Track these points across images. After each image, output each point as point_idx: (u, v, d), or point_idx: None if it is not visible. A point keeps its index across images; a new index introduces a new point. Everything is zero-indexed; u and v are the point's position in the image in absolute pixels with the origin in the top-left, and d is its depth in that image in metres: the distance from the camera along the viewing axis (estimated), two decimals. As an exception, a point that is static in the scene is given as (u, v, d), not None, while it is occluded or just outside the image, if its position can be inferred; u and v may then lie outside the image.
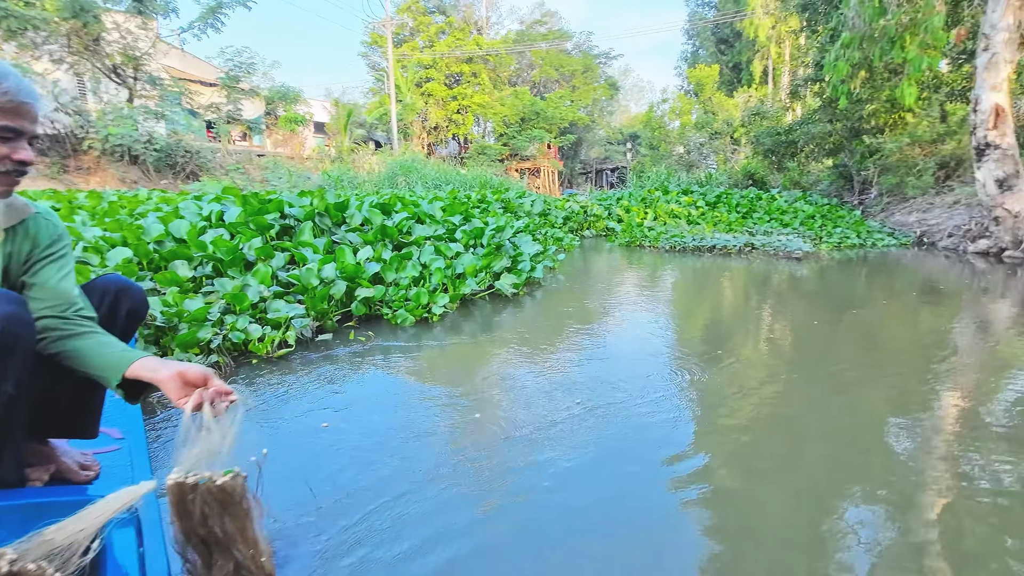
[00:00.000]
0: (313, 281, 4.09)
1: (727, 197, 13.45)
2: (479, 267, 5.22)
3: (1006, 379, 3.13)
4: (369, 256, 4.71)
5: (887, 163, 13.35)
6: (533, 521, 1.74)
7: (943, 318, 4.90)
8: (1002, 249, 8.07)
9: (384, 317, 4.28)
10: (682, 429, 2.44)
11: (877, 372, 3.30)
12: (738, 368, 3.32)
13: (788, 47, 26.48)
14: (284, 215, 5.34)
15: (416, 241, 5.48)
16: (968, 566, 1.55)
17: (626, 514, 1.80)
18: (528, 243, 6.91)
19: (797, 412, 2.69)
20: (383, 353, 3.55)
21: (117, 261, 3.94)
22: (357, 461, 2.08)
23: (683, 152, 26.92)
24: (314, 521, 1.70)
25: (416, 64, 36.66)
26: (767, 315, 5.06)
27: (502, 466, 2.06)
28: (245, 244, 4.46)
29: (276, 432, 2.37)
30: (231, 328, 3.40)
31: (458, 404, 2.72)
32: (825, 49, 11.56)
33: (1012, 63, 7.56)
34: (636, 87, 67.96)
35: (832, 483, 1.98)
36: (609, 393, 2.82)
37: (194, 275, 4.18)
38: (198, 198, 6.71)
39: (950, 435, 2.42)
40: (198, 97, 23.87)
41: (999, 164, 7.72)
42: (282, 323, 3.59)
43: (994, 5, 7.36)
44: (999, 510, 1.80)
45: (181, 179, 21.00)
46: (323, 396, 2.79)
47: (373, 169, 24.87)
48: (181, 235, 4.71)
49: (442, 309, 4.39)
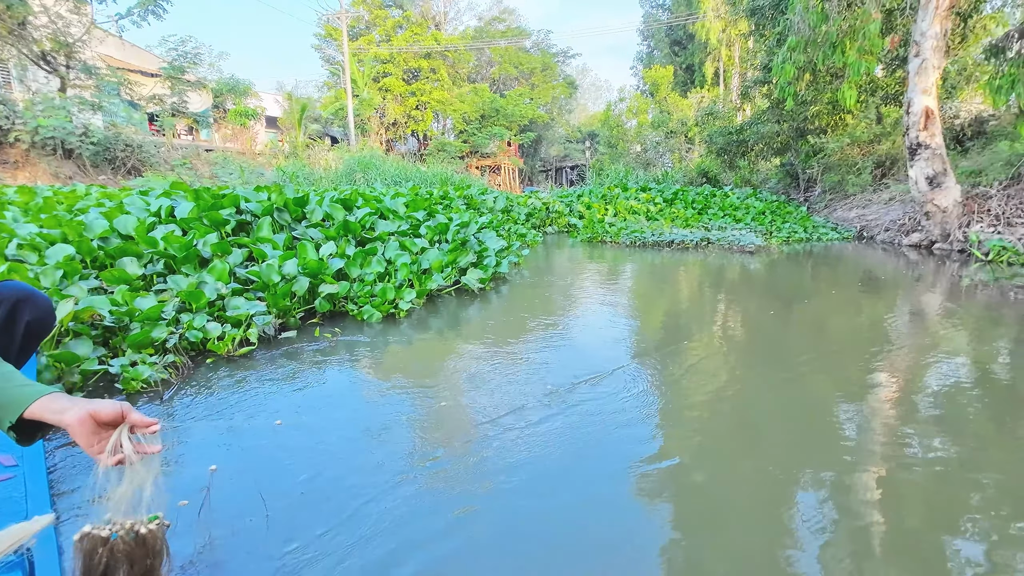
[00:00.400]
0: (274, 277, 3.97)
1: (683, 194, 13.89)
2: (445, 263, 5.20)
3: (937, 362, 3.39)
4: (332, 252, 4.61)
5: (829, 162, 14.12)
6: (502, 521, 1.74)
7: (882, 307, 5.24)
8: (932, 242, 8.70)
9: (350, 314, 4.20)
10: (645, 415, 2.53)
11: (826, 358, 3.51)
12: (698, 356, 3.46)
13: (738, 50, 27.53)
14: (240, 210, 5.14)
15: (380, 237, 5.40)
16: (909, 537, 1.68)
17: (592, 502, 1.85)
18: (493, 239, 6.92)
19: (753, 396, 2.83)
20: (349, 350, 3.49)
21: (58, 259, 3.70)
22: (315, 465, 2.00)
23: (640, 150, 27.57)
24: (262, 534, 1.60)
25: (373, 58, 35.90)
26: (724, 306, 5.27)
27: (468, 464, 2.07)
28: (200, 240, 4.27)
29: (234, 434, 2.28)
30: (188, 327, 3.26)
31: (425, 401, 2.71)
32: (773, 52, 12.10)
33: (939, 69, 8.15)
34: (594, 86, 69.08)
35: (786, 464, 2.09)
36: (575, 384, 2.88)
37: (144, 273, 3.98)
38: (144, 193, 6.37)
39: (890, 416, 2.61)
40: (139, 88, 22.57)
41: (929, 163, 8.32)
42: (243, 321, 3.46)
43: (923, 14, 7.92)
44: (935, 483, 1.96)
45: (121, 175, 19.82)
46: (285, 395, 2.72)
47: (330, 165, 24.24)
48: (128, 231, 4.47)
49: (409, 305, 4.35)
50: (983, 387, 2.93)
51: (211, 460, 2.02)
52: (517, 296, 5.45)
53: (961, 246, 8.18)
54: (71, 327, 2.83)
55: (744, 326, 4.47)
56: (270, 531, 1.61)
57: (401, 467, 2.00)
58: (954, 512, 1.76)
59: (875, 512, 1.77)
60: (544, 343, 3.74)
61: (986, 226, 8.07)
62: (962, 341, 3.89)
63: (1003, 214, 8.05)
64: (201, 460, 2.04)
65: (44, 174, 18.22)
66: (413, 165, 25.86)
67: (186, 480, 1.89)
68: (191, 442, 2.22)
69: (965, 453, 2.14)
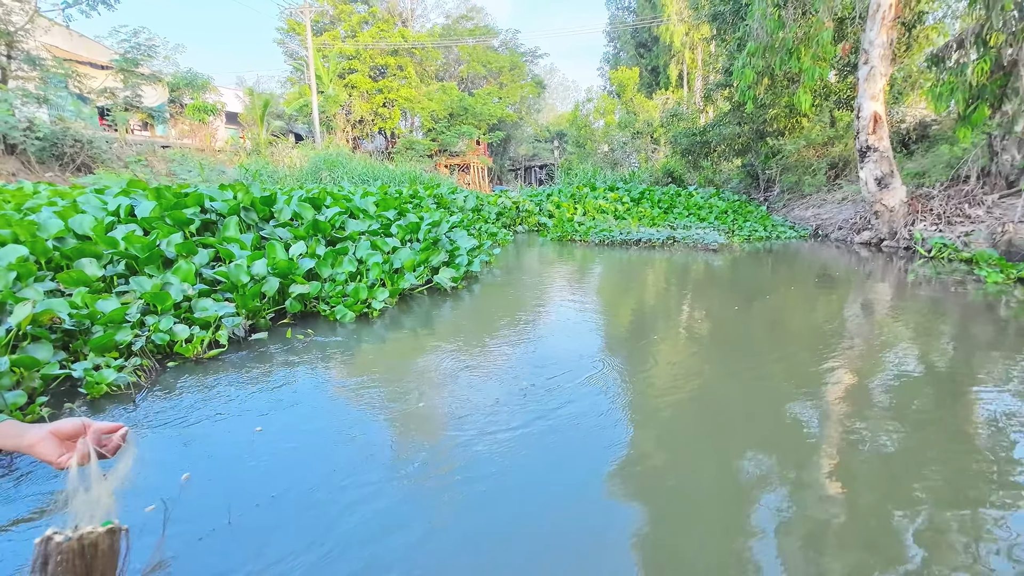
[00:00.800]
0: (243, 278, 3.90)
1: (650, 193, 14.20)
2: (417, 261, 5.20)
3: (884, 352, 3.62)
4: (303, 252, 4.55)
5: (787, 163, 14.70)
6: (475, 526, 1.78)
7: (836, 302, 5.53)
8: (881, 240, 9.20)
9: (322, 314, 4.16)
10: (615, 408, 2.63)
11: (785, 350, 3.70)
12: (664, 349, 3.59)
13: (701, 53, 28.26)
14: (205, 209, 5.01)
15: (351, 236, 5.36)
16: (860, 520, 1.82)
17: (565, 499, 1.93)
18: (464, 238, 6.94)
19: (716, 387, 2.97)
20: (323, 351, 3.47)
21: (11, 260, 3.54)
22: (287, 473, 2.00)
23: (608, 150, 28.00)
24: (226, 543, 1.59)
25: (338, 54, 35.24)
26: (690, 302, 5.46)
27: (442, 470, 2.10)
28: (163, 240, 4.15)
29: (204, 440, 2.26)
30: (154, 329, 3.18)
31: (400, 403, 2.73)
32: (734, 56, 12.51)
33: (886, 76, 8.62)
34: (562, 86, 69.55)
35: (746, 451, 2.22)
36: (547, 380, 2.96)
37: (104, 274, 3.84)
38: (99, 191, 6.12)
39: (843, 402, 2.79)
40: (89, 81, 21.52)
41: (878, 165, 8.79)
42: (211, 322, 3.40)
43: (871, 24, 8.36)
44: (883, 467, 2.12)
45: (70, 171, 18.86)
46: (258, 399, 2.69)
47: (294, 163, 23.66)
48: (85, 231, 4.30)
49: (382, 304, 4.34)
50: (925, 374, 3.16)
51: (182, 466, 2.00)
52: (489, 295, 5.50)
53: (907, 243, 8.68)
54: (29, 331, 2.72)
55: (708, 320, 4.65)
56: (235, 540, 1.61)
57: (375, 476, 2.02)
58: (899, 491, 1.91)
59: (828, 493, 1.90)
60: (516, 341, 3.81)
61: (929, 224, 8.59)
62: (907, 332, 4.17)
63: (944, 213, 8.59)
64: (172, 466, 2.01)
65: (-16, 170, 17.17)
66: (381, 163, 25.52)
67: (154, 486, 1.87)
68: (161, 448, 2.18)
69: (908, 437, 2.32)
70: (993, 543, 1.62)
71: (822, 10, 8.50)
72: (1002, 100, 8.19)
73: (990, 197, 8.35)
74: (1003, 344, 3.78)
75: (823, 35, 8.49)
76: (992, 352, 3.57)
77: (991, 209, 8.16)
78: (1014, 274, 5.94)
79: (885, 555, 1.58)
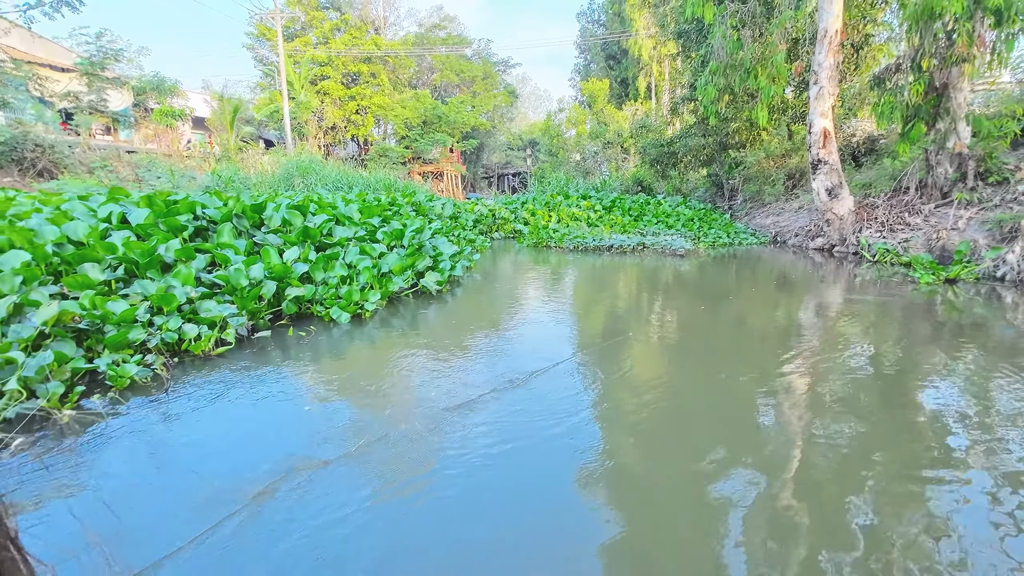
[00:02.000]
0: (242, 281, 4.11)
1: (621, 202, 14.78)
2: (404, 266, 5.48)
3: (835, 347, 4.10)
4: (296, 257, 4.78)
5: (748, 173, 15.54)
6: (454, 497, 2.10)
7: (794, 301, 6.06)
8: (832, 245, 9.92)
9: (317, 315, 4.40)
10: (589, 400, 2.98)
11: (746, 347, 4.14)
12: (635, 347, 3.98)
13: (668, 66, 29.35)
14: (196, 216, 5.18)
15: (339, 242, 5.60)
16: (821, 512, 1.99)
17: (538, 482, 2.26)
18: (445, 244, 7.24)
19: (682, 386, 3.36)
20: (323, 347, 3.72)
21: (15, 265, 3.68)
22: (338, 432, 2.33)
23: (580, 159, 28.70)
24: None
25: (310, 60, 35.05)
26: (659, 303, 5.89)
27: (432, 432, 2.43)
28: (161, 246, 4.32)
29: (249, 416, 2.52)
30: (163, 328, 3.38)
31: (396, 392, 3.03)
32: (698, 73, 13.21)
33: (834, 95, 9.37)
34: (534, 95, 70.55)
35: (710, 446, 2.43)
36: (529, 374, 3.30)
37: (105, 278, 4.00)
38: (84, 198, 6.19)
39: (799, 394, 3.22)
40: (51, 84, 20.95)
41: (828, 176, 9.52)
42: (217, 322, 3.61)
43: (820, 47, 9.09)
44: (840, 461, 2.36)
45: (30, 177, 18.30)
46: (261, 391, 2.95)
47: (265, 169, 23.42)
48: (79, 238, 4.44)
49: (374, 306, 4.61)
50: (871, 367, 3.63)
51: (246, 434, 2.25)
52: (472, 297, 5.82)
53: (855, 249, 9.40)
54: (51, 330, 2.90)
55: (675, 320, 5.08)
56: (358, 464, 1.90)
57: (384, 431, 2.32)
58: (851, 476, 2.19)
59: (788, 479, 2.20)
60: (498, 339, 4.14)
61: (874, 232, 9.34)
62: (855, 329, 4.68)
63: (887, 221, 9.35)
64: (242, 433, 2.28)
65: (-62, 175, 16.53)
66: (355, 170, 25.47)
67: (241, 449, 2.12)
68: (221, 421, 2.43)
69: (857, 426, 2.65)
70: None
71: (776, 34, 9.19)
72: (936, 119, 9.02)
73: (927, 207, 9.15)
74: (932, 334, 4.32)
75: (777, 57, 9.18)
76: (922, 340, 4.09)
77: (928, 218, 8.95)
78: (943, 275, 6.61)
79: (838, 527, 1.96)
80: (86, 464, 2.12)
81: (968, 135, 8.88)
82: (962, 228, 8.29)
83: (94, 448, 2.23)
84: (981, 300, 5.69)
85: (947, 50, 8.37)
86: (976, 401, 2.91)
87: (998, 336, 4.25)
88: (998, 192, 8.48)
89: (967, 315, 5.08)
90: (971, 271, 6.78)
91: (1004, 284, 6.51)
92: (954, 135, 8.88)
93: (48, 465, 2.09)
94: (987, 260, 6.90)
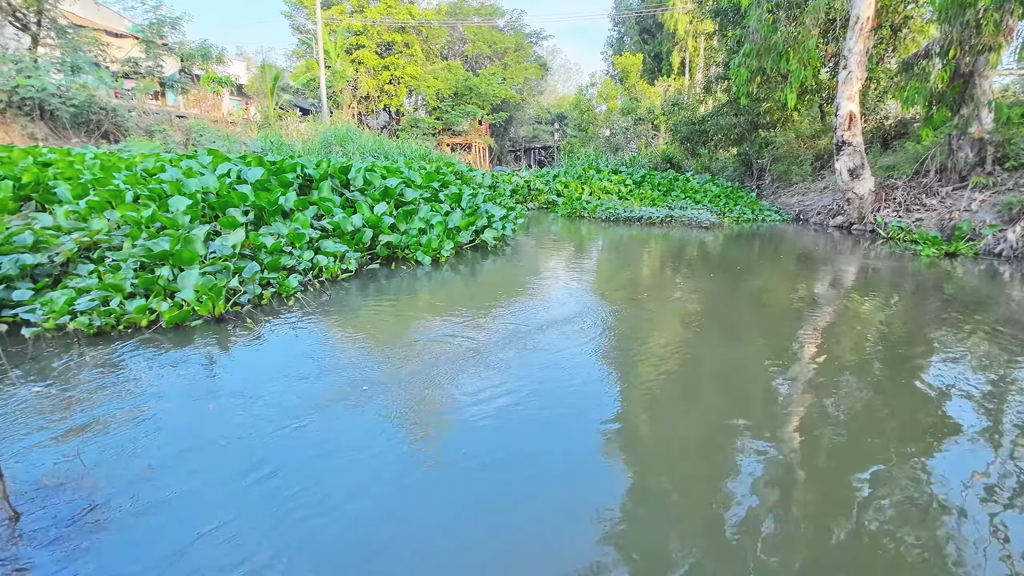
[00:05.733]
0: (348, 227, 5.13)
1: (650, 177, 15.42)
2: (466, 223, 6.44)
3: (846, 316, 4.94)
4: (384, 211, 5.77)
5: (777, 153, 15.95)
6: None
7: (811, 276, 6.85)
8: (851, 224, 10.52)
9: (404, 257, 5.42)
10: (633, 323, 3.92)
11: (764, 311, 5.01)
12: (660, 306, 4.89)
13: (703, 42, 29.17)
14: (298, 176, 6.20)
15: (412, 201, 6.57)
16: (823, 478, 2.05)
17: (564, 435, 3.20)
18: (493, 207, 8.16)
19: (698, 350, 4.27)
20: (420, 277, 4.75)
21: (181, 208, 4.74)
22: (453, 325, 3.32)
23: (609, 135, 29.03)
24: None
25: (346, 29, 35.64)
26: (683, 269, 6.76)
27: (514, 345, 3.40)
28: (282, 197, 5.35)
29: (389, 313, 3.54)
30: (300, 259, 4.42)
31: (478, 307, 4.01)
32: (733, 53, 13.63)
33: (862, 80, 9.83)
34: (563, 67, 69.73)
35: (723, 413, 2.53)
36: (574, 309, 4.25)
37: (244, 221, 5.05)
38: (190, 157, 7.28)
39: (811, 362, 4.10)
40: (112, 50, 22.17)
41: (850, 157, 10.06)
42: (339, 256, 4.64)
43: (851, 33, 9.54)
44: (848, 431, 2.39)
45: (95, 139, 19.68)
46: (384, 304, 3.97)
47: (304, 137, 24.42)
48: (212, 189, 5.49)
49: (447, 253, 5.60)
50: (881, 336, 4.46)
51: (392, 323, 3.27)
52: (524, 252, 6.77)
53: (872, 227, 10.01)
54: (237, 252, 3.96)
55: (698, 284, 5.95)
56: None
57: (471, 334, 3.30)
58: (858, 444, 2.27)
59: (797, 448, 2.24)
60: (547, 280, 5.09)
61: (891, 211, 9.92)
62: (866, 300, 5.49)
63: (904, 202, 9.92)
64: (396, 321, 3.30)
65: (19, 135, 17.97)
66: (391, 140, 26.26)
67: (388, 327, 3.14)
68: (370, 315, 3.46)
69: (867, 395, 2.77)
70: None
71: (809, 20, 9.67)
72: (960, 105, 9.46)
73: (944, 189, 9.68)
74: (925, 295, 5.13)
75: (809, 42, 9.68)
76: (916, 301, 4.91)
77: (944, 199, 9.49)
78: (943, 250, 7.30)
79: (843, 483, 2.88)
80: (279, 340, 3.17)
81: (990, 121, 9.32)
82: (975, 210, 8.85)
83: (282, 332, 3.26)
84: (973, 271, 6.41)
85: (975, 39, 8.78)
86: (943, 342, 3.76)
87: (973, 294, 5.03)
88: (1012, 177, 8.97)
89: (953, 281, 5.83)
90: (972, 247, 7.43)
91: (1000, 259, 7.17)
92: (976, 121, 9.33)
93: (259, 335, 3.15)
94: (988, 236, 7.53)
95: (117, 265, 3.53)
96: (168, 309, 3.06)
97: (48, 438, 2.01)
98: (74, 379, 2.49)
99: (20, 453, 1.92)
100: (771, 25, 10.37)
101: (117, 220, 4.44)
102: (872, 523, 1.79)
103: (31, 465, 1.86)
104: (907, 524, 1.80)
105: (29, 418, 2.15)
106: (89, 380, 2.49)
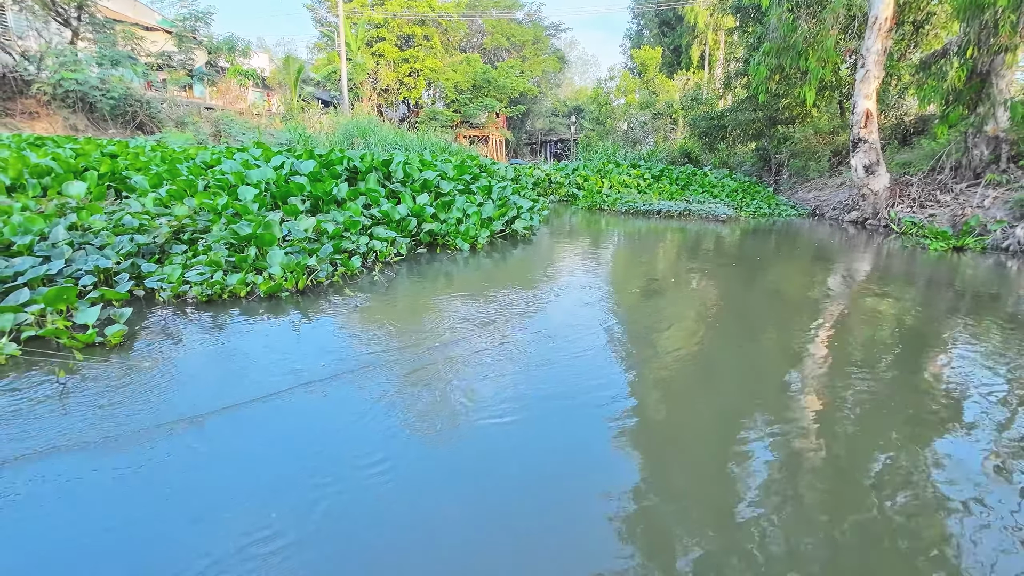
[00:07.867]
0: (396, 216, 5.65)
1: (669, 172, 15.75)
2: (500, 213, 6.93)
3: (858, 306, 5.34)
4: (426, 201, 6.28)
5: (795, 149, 16.14)
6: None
7: (825, 269, 7.22)
8: (866, 219, 10.80)
9: (444, 244, 5.93)
10: (645, 313, 4.38)
11: (778, 301, 5.43)
12: (675, 295, 5.33)
13: (723, 35, 29.14)
14: (346, 168, 6.73)
15: (449, 193, 7.08)
16: (836, 465, 2.08)
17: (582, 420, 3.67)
18: (520, 199, 8.63)
19: (713, 340, 4.71)
20: (463, 260, 5.26)
21: (249, 197, 5.29)
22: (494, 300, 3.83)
23: (627, 128, 29.21)
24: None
25: (367, 22, 36.15)
26: (699, 260, 7.18)
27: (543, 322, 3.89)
28: (336, 187, 5.88)
29: (443, 289, 4.06)
30: (356, 242, 4.95)
31: (513, 285, 4.51)
32: (752, 50, 13.85)
33: (879, 79, 10.07)
34: (581, 60, 69.57)
35: (739, 402, 2.59)
36: (600, 293, 4.72)
37: (302, 209, 5.59)
38: (241, 150, 7.85)
39: (824, 350, 4.53)
40: (146, 44, 22.97)
41: (866, 154, 10.33)
42: (390, 241, 5.16)
43: (869, 33, 9.77)
44: (859, 423, 2.41)
45: (130, 130, 20.48)
46: (439, 281, 4.49)
47: (326, 129, 24.99)
48: (270, 180, 6.04)
49: (483, 241, 6.10)
50: (891, 327, 4.87)
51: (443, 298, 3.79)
52: (551, 241, 7.25)
53: (886, 222, 10.29)
54: (308, 235, 4.50)
55: (714, 271, 6.38)
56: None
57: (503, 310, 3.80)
58: (868, 432, 2.34)
59: (809, 433, 2.29)
60: (573, 265, 5.56)
61: (905, 207, 10.19)
62: (878, 292, 5.88)
63: (919, 198, 10.17)
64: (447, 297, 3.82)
65: (60, 125, 18.84)
66: (411, 133, 26.75)
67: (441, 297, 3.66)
68: (423, 286, 3.98)
69: (876, 385, 2.86)
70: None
71: (828, 19, 9.93)
72: (976, 103, 9.68)
73: (959, 186, 9.92)
74: (930, 284, 5.51)
75: (827, 42, 9.94)
76: (921, 288, 5.30)
77: (957, 196, 9.74)
78: (951, 243, 7.62)
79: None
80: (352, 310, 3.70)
81: (1006, 120, 9.53)
82: (987, 206, 9.10)
83: (354, 306, 3.80)
84: (978, 264, 6.73)
85: (992, 39, 8.98)
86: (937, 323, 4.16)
87: (976, 283, 5.40)
88: (1026, 174, 9.19)
89: (960, 273, 6.19)
90: (980, 242, 7.73)
91: (1007, 254, 7.47)
92: (992, 119, 9.54)
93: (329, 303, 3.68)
94: (996, 231, 7.82)
95: (209, 246, 4.09)
96: (263, 282, 3.60)
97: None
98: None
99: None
100: (791, 24, 10.63)
101: (195, 207, 5.01)
102: (888, 513, 1.80)
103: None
104: (922, 513, 1.81)
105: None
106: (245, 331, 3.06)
